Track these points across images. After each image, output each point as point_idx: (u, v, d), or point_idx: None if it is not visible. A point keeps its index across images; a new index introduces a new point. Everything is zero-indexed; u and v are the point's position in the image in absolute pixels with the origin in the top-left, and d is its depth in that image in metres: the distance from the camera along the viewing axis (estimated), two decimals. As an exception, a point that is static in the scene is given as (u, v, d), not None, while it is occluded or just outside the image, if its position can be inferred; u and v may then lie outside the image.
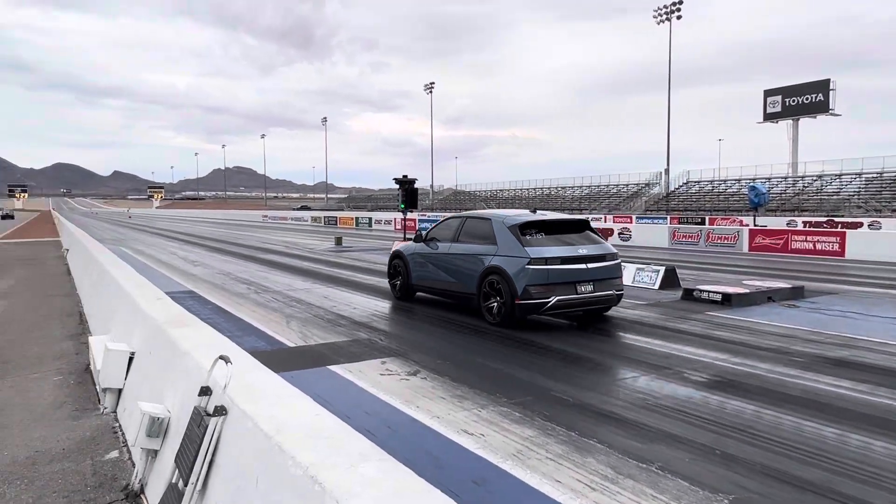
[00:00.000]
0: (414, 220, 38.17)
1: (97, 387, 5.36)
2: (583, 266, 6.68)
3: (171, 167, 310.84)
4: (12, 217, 79.60)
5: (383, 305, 9.77)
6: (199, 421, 2.96)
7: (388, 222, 44.77)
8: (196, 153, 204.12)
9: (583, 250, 6.79)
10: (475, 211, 8.36)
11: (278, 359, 6.40)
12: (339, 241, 24.78)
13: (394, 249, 9.92)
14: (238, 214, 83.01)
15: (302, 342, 7.30)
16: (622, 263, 7.93)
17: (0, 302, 10.52)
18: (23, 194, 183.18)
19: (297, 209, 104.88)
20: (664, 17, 52.81)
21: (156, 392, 4.02)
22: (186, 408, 3.35)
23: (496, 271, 7.01)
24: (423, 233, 9.12)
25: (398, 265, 9.60)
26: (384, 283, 12.20)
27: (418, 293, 9.62)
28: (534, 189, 73.84)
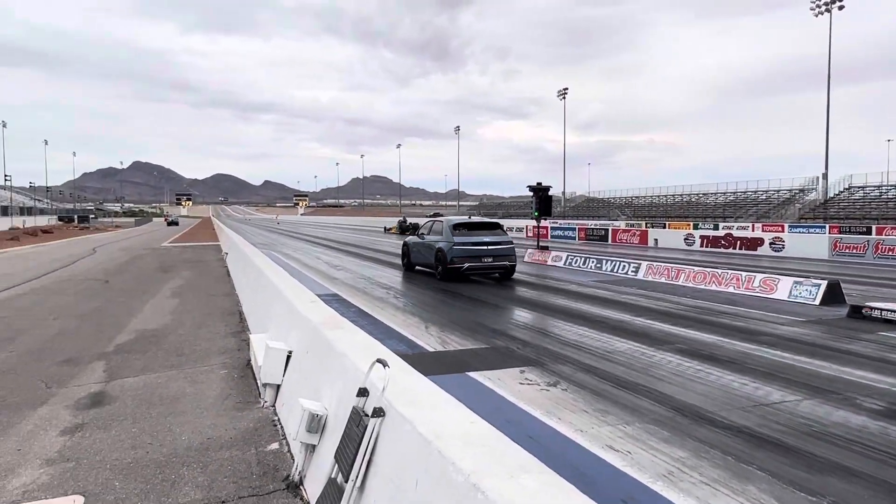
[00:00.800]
0: (546, 228, 37.17)
1: (258, 381, 5.61)
2: (485, 248, 11.89)
3: (315, 176, 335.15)
4: (177, 223, 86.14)
5: (521, 314, 9.75)
6: (357, 421, 3.04)
7: (519, 230, 44.52)
8: (337, 163, 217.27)
9: (486, 239, 12.23)
10: (441, 217, 11.51)
11: (419, 363, 6.50)
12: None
13: (403, 242, 16.17)
14: (374, 221, 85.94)
15: (441, 347, 7.38)
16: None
17: (173, 301, 11.45)
18: (188, 202, 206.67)
19: (430, 216, 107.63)
20: (824, 8, 48.37)
21: (313, 390, 4.14)
22: (344, 407, 3.45)
23: (441, 250, 12.65)
24: (418, 231, 14.81)
25: (405, 251, 15.39)
26: (521, 290, 12.48)
27: (417, 267, 14.92)
28: (671, 196, 70.24)
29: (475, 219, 14.88)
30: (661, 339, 8.06)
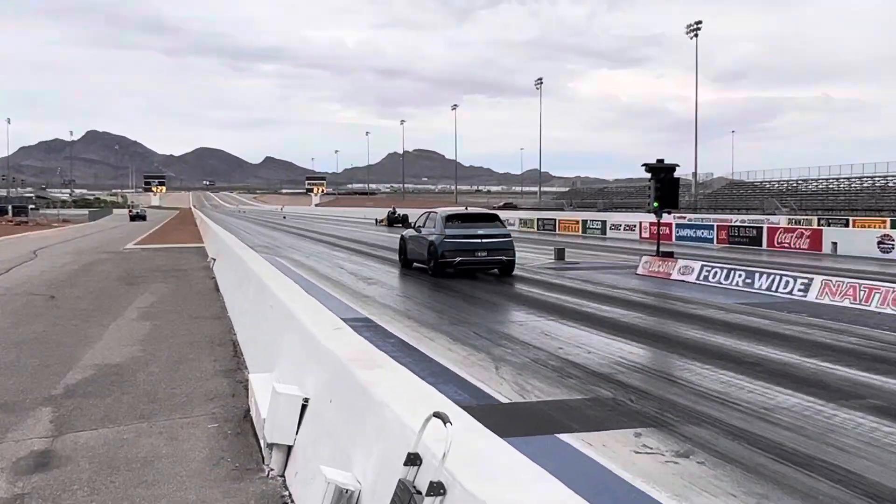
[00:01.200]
0: (669, 226, 35.95)
1: (260, 440, 5.64)
2: (478, 241, 14.37)
3: (336, 152, 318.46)
4: (144, 218, 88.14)
5: (631, 351, 9.83)
6: (406, 499, 3.04)
7: (629, 227, 43.61)
8: (367, 132, 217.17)
9: (481, 231, 14.98)
10: (436, 209, 17.85)
11: (490, 418, 6.41)
12: (560, 254, 25.05)
13: (400, 236, 19.89)
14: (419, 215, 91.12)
15: (518, 396, 7.49)
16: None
17: (143, 325, 11.71)
18: (160, 188, 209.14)
19: (500, 207, 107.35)
20: None
21: (340, 453, 4.15)
22: (385, 480, 3.43)
23: (432, 244, 15.91)
24: (414, 223, 18.88)
25: (401, 246, 19.58)
26: (632, 315, 12.62)
27: (414, 264, 19.26)
28: (856, 179, 67.83)
29: (472, 210, 19.20)
30: (844, 390, 7.98)
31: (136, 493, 5.11)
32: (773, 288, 15.76)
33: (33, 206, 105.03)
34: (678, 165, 20.02)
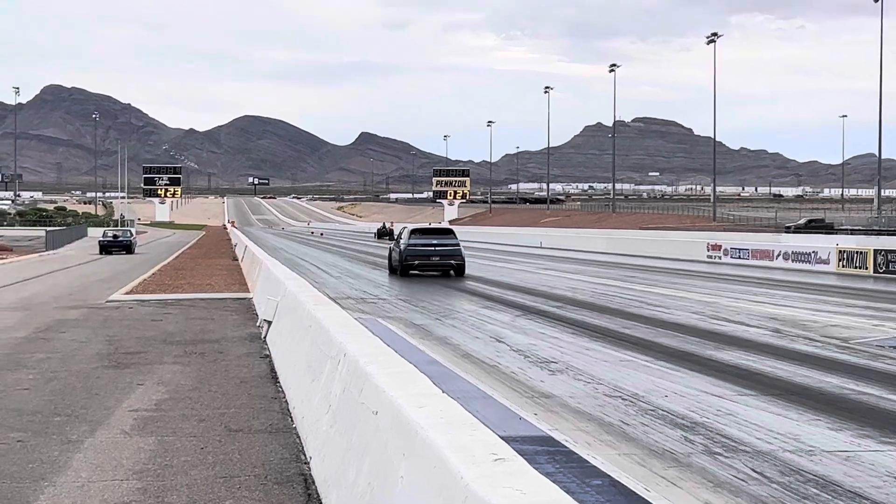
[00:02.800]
0: None
1: None
2: (432, 248, 33.06)
3: (489, 125, 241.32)
4: (129, 248, 65.05)
5: None
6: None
7: None
8: (546, 88, 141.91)
9: (434, 241, 34.00)
10: (411, 224, 46.51)
11: None
12: None
13: (389, 248, 39.13)
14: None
15: None
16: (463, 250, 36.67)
17: (142, 443, 9.43)
18: (172, 189, 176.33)
19: (804, 227, 74.93)
20: None
21: None
22: None
23: (400, 251, 34.69)
24: (397, 237, 37.75)
25: (389, 256, 37.67)
26: None
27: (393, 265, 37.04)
28: None
29: (433, 225, 38.60)
30: None
31: None
32: None
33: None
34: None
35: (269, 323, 17.85)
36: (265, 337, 17.88)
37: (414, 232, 35.21)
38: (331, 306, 14.37)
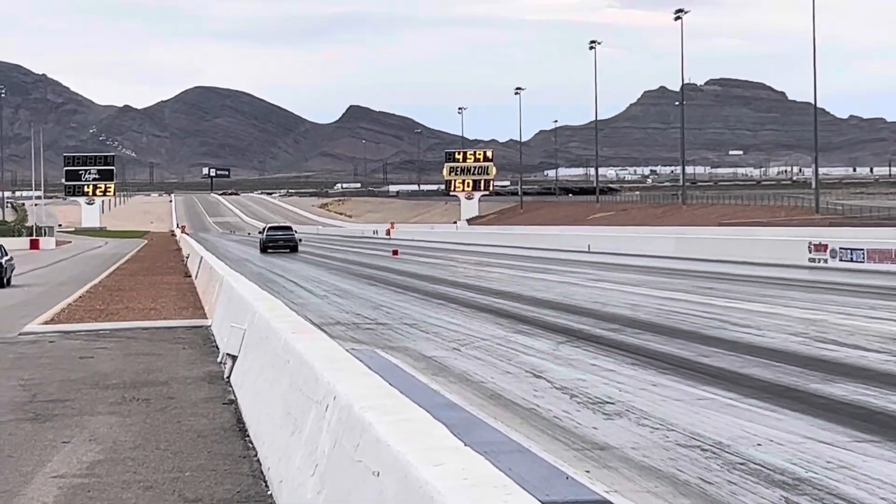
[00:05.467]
0: None
1: None
2: (279, 235, 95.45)
3: (517, 93, 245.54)
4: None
5: None
6: None
7: None
8: (592, 42, 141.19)
9: (280, 233, 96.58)
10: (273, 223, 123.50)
11: None
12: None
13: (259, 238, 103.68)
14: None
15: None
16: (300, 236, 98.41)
17: None
18: (102, 186, 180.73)
19: None
20: None
21: None
22: None
23: (262, 240, 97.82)
24: (264, 231, 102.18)
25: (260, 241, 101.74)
26: None
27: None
28: None
29: (281, 224, 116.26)
30: None
31: None
32: None
33: None
34: None
35: (234, 358, 18.05)
36: (229, 376, 18.05)
37: (270, 228, 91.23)
38: (315, 335, 14.53)
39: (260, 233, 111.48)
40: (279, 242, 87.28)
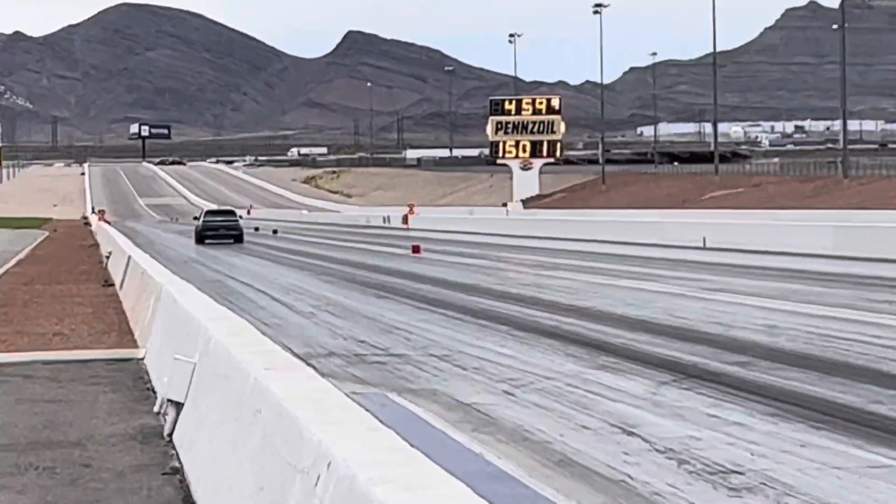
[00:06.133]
0: None
1: None
2: (219, 222, 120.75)
3: (599, 9, 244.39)
4: None
5: None
6: None
7: None
8: None
9: (219, 218, 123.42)
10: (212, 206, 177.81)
11: None
12: None
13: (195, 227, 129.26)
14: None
15: None
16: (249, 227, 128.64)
17: None
18: None
19: None
20: None
21: None
22: None
23: (197, 228, 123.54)
24: (200, 217, 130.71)
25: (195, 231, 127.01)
26: None
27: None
28: None
29: (221, 208, 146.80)
30: None
31: None
32: None
33: None
34: None
35: (179, 406, 18.12)
36: (171, 433, 18.13)
37: (208, 213, 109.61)
38: (299, 371, 14.57)
39: (195, 219, 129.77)
40: (219, 230, 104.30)
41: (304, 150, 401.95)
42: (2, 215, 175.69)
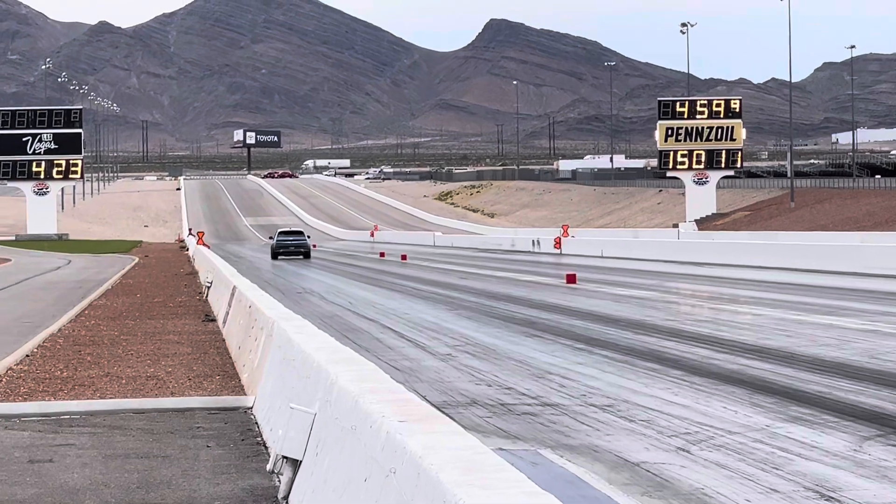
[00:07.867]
0: None
1: None
2: (290, 241, 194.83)
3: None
4: None
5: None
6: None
7: None
8: None
9: (291, 238, 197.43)
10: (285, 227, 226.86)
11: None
12: None
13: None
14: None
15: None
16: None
17: None
18: (61, 166, 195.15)
19: None
20: None
21: None
22: None
23: (272, 246, 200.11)
24: (276, 236, 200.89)
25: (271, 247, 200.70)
26: None
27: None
28: None
29: (292, 228, 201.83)
30: None
31: None
32: None
33: None
34: None
35: (296, 464, 18.27)
36: (286, 496, 18.27)
37: (280, 233, 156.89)
38: (438, 424, 14.50)
39: (270, 238, 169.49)
40: (290, 248, 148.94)
41: (384, 168, 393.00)
42: (85, 238, 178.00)
